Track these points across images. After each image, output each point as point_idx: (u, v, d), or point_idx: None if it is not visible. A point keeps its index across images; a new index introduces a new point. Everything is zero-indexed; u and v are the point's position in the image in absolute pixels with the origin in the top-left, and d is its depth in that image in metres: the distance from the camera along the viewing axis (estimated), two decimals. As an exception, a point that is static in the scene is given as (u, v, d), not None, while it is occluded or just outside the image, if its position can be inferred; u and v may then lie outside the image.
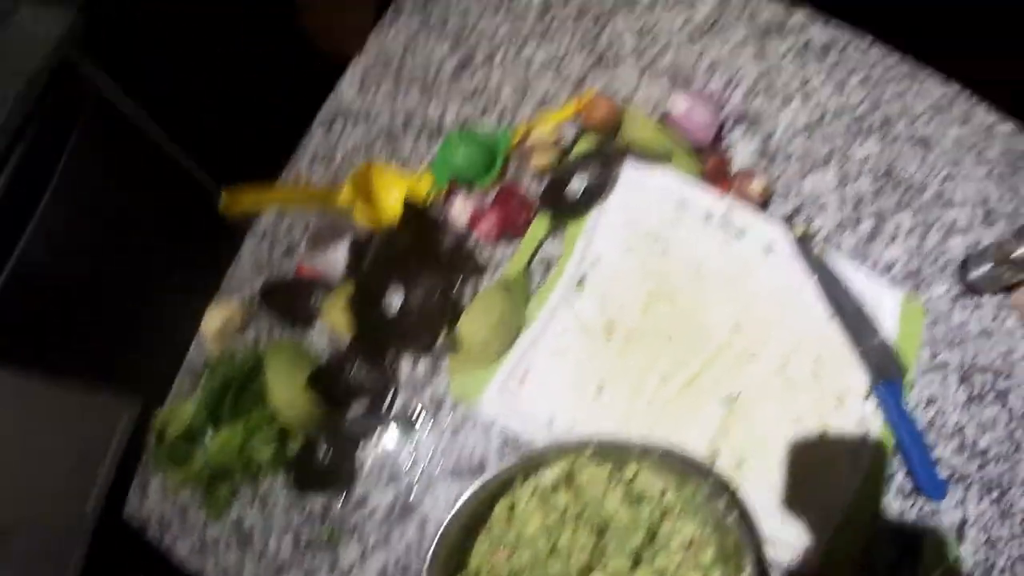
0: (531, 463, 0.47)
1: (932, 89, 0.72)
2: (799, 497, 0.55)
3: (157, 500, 0.59)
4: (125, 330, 1.27)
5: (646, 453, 0.47)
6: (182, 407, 0.58)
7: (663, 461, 0.47)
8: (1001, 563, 0.58)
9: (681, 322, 0.57)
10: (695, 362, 0.56)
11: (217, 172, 1.32)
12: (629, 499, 0.48)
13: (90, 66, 1.03)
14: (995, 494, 0.58)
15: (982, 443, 0.60)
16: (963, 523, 0.57)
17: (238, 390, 0.56)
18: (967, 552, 0.58)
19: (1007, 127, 0.72)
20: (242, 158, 1.21)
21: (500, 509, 0.47)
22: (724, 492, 0.46)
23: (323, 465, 0.55)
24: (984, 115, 0.71)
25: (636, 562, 0.47)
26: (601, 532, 0.47)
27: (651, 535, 0.48)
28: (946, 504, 0.57)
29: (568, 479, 0.47)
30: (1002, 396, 0.61)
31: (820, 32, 0.74)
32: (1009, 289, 0.65)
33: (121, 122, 1.13)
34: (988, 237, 0.67)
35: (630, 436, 0.49)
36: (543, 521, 0.46)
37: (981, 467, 0.59)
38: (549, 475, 0.47)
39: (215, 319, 0.60)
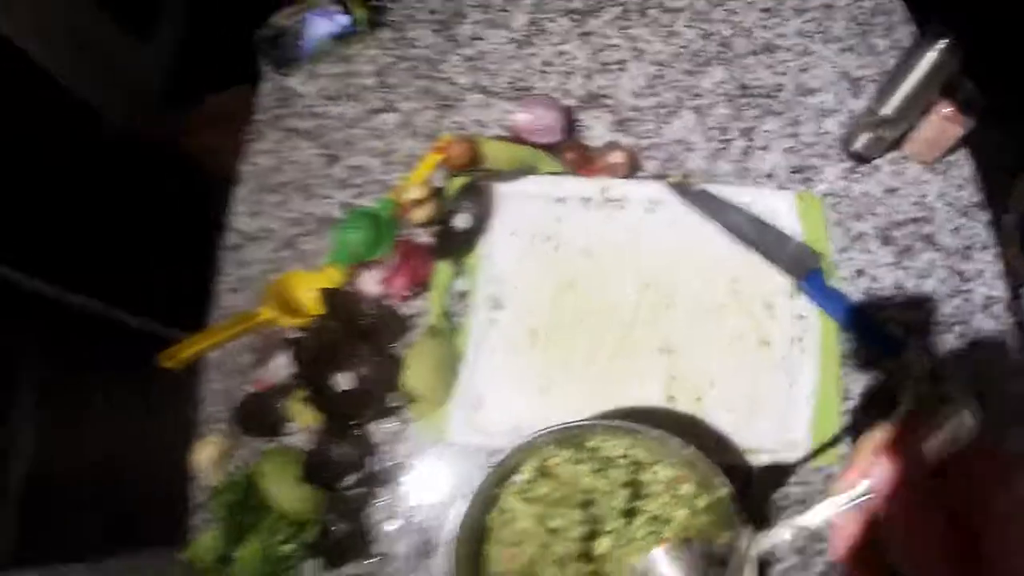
0: (503, 471, 0.57)
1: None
2: (764, 404, 0.63)
3: None
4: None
5: (593, 428, 0.55)
6: (204, 539, 0.67)
7: (612, 430, 0.55)
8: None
9: (589, 302, 0.66)
10: (616, 331, 0.65)
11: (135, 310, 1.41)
12: (599, 468, 0.57)
13: None
14: (957, 330, 0.65)
15: (926, 288, 0.68)
16: (933, 368, 0.63)
17: (243, 510, 0.65)
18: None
19: None
20: (154, 291, 1.32)
21: (494, 517, 0.55)
22: (674, 440, 0.53)
23: (341, 539, 0.65)
24: None
25: (630, 516, 0.58)
26: (586, 505, 0.55)
27: (633, 490, 0.59)
28: (911, 357, 0.63)
29: (542, 472, 0.56)
30: (929, 240, 0.70)
31: None
32: (897, 143, 0.72)
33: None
34: (861, 106, 0.74)
35: (584, 417, 0.59)
36: (532, 514, 0.55)
37: (932, 310, 0.67)
38: (524, 475, 0.55)
39: (204, 454, 0.69)
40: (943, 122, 0.66)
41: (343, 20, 0.81)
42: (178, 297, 0.94)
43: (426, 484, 0.64)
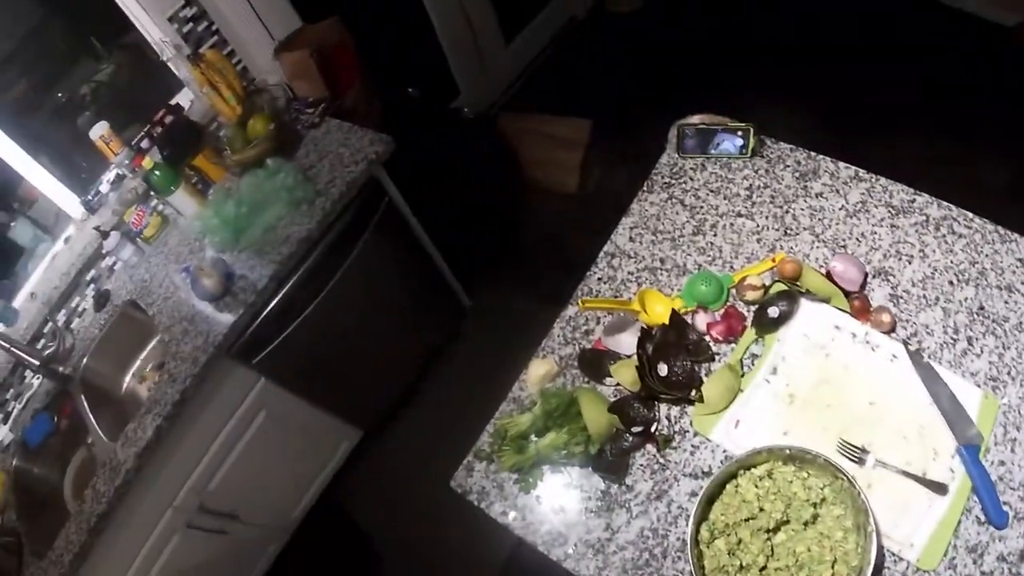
0: (749, 460, 0.98)
1: (1017, 249, 1.21)
2: (907, 510, 1.03)
3: (479, 477, 1.14)
4: (361, 376, 2.00)
5: (815, 458, 0.98)
6: (519, 418, 1.15)
7: (824, 464, 0.97)
8: None
9: (836, 397, 1.10)
10: (842, 420, 1.08)
11: (457, 271, 2.08)
12: (804, 487, 0.99)
13: (387, 180, 1.79)
14: None
15: None
16: None
17: (563, 411, 1.16)
18: None
19: None
20: (468, 251, 2.01)
21: (729, 488, 1.00)
22: (855, 487, 0.96)
23: (609, 462, 1.12)
24: None
25: (807, 524, 0.99)
26: (788, 504, 0.98)
27: (816, 512, 0.99)
28: (1012, 533, 0.98)
29: (769, 473, 1.00)
30: None
31: (936, 210, 1.27)
32: None
33: (401, 224, 1.86)
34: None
35: (812, 449, 1.00)
36: (755, 492, 0.98)
37: None
38: (758, 470, 0.99)
39: (540, 369, 1.21)
40: None
41: (739, 143, 1.35)
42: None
43: (678, 456, 1.09)
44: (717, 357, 1.16)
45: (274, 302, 1.61)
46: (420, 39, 2.33)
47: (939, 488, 1.04)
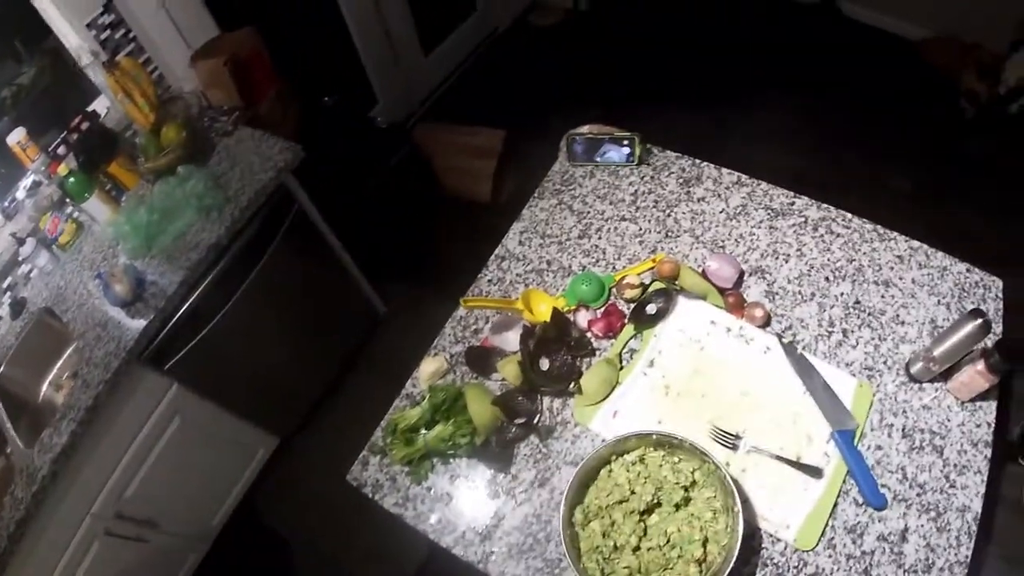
0: (619, 446, 1.04)
1: (895, 246, 1.29)
2: (782, 493, 1.09)
3: (374, 470, 1.17)
4: (276, 382, 2.01)
5: (682, 443, 1.03)
6: (409, 412, 1.19)
7: (692, 449, 1.02)
8: (940, 563, 1.00)
9: (711, 387, 1.17)
10: (716, 410, 1.14)
11: (372, 278, 2.11)
12: (674, 471, 1.05)
13: (298, 186, 1.81)
14: (932, 514, 1.03)
15: (920, 479, 1.06)
16: (905, 530, 1.02)
17: (450, 405, 1.19)
18: (909, 552, 1.03)
19: (960, 267, 1.27)
20: (382, 259, 2.05)
21: (603, 472, 1.05)
22: (720, 469, 1.01)
23: (495, 452, 1.16)
24: (940, 260, 1.27)
25: (678, 506, 1.04)
26: (659, 487, 1.03)
27: (687, 495, 1.05)
28: (890, 515, 1.03)
29: (641, 458, 1.05)
30: (938, 449, 1.09)
31: (815, 212, 1.35)
32: (946, 377, 1.15)
33: (312, 231, 1.89)
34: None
35: (681, 435, 1.05)
36: (626, 476, 1.03)
37: (920, 494, 1.04)
38: (631, 455, 1.05)
39: (431, 366, 1.25)
40: (975, 374, 1.10)
41: (625, 152, 1.43)
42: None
43: (559, 445, 1.14)
44: (598, 352, 1.22)
45: (184, 307, 1.62)
46: (338, 49, 2.36)
47: (814, 472, 1.11)
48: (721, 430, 1.14)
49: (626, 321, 1.24)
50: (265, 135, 1.77)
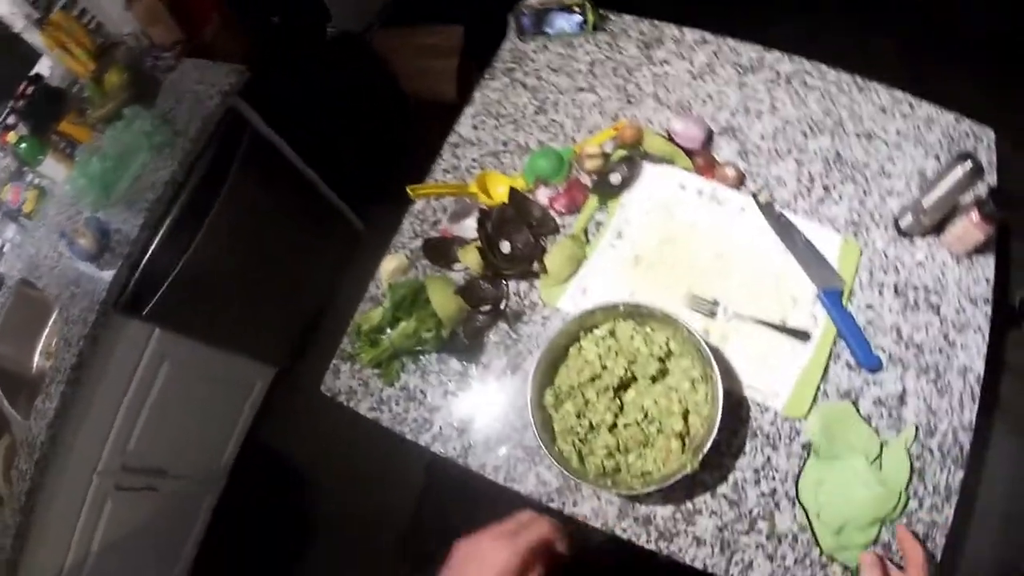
0: (586, 321, 0.97)
1: (876, 98, 1.20)
2: (768, 359, 1.03)
3: (346, 377, 1.12)
4: (261, 312, 1.97)
5: (652, 312, 0.96)
6: (371, 313, 1.13)
7: (663, 318, 0.96)
8: (942, 428, 0.96)
9: (683, 254, 1.09)
10: (691, 277, 1.07)
11: (337, 187, 2.05)
12: (647, 342, 0.98)
13: (248, 108, 1.73)
14: (931, 375, 0.98)
15: (917, 338, 1.01)
16: (903, 393, 0.97)
17: (412, 301, 1.12)
18: (908, 415, 1.00)
19: (948, 117, 1.18)
20: (355, 175, 1.96)
21: (572, 351, 0.99)
22: (695, 336, 0.94)
23: (463, 344, 1.11)
24: (926, 109, 1.18)
25: (655, 379, 0.98)
26: (632, 361, 0.97)
27: (663, 367, 0.99)
28: (886, 377, 0.98)
29: (611, 332, 0.99)
30: (934, 307, 1.03)
31: (787, 65, 1.25)
32: (939, 231, 1.08)
33: (273, 154, 1.82)
34: (922, 198, 1.13)
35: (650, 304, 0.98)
36: (597, 352, 0.97)
37: (917, 355, 0.99)
38: (600, 330, 0.99)
39: (391, 263, 1.18)
40: (969, 225, 1.02)
41: (577, 19, 1.30)
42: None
43: (529, 330, 1.08)
44: (562, 229, 1.14)
45: (151, 249, 1.57)
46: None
47: (801, 335, 1.04)
48: (698, 297, 1.07)
49: (589, 193, 1.14)
50: (209, 63, 1.68)
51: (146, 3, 1.76)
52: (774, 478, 0.99)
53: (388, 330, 1.10)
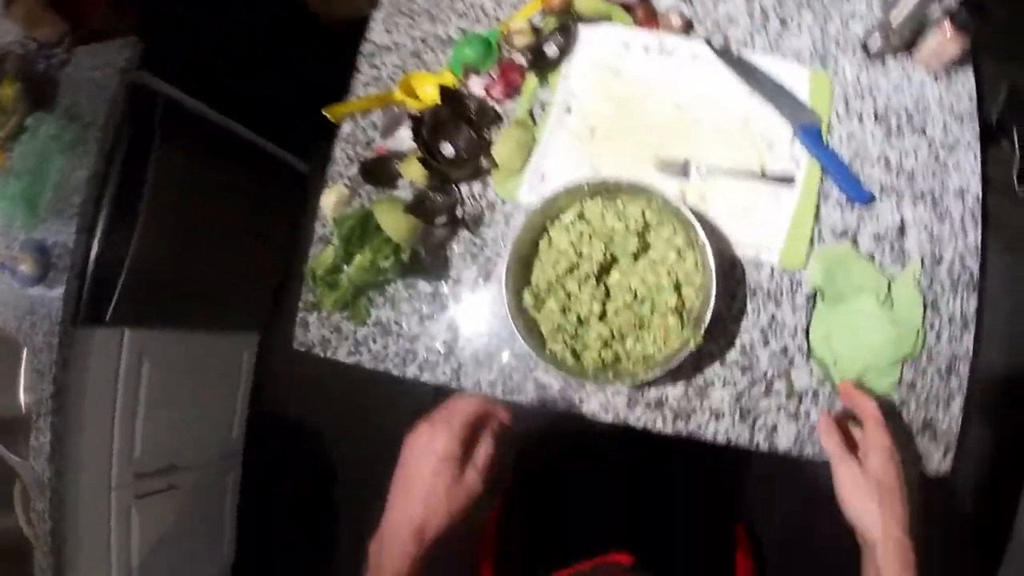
0: (551, 209, 0.89)
1: None
2: (754, 211, 0.96)
3: (316, 328, 1.03)
4: (226, 282, 1.90)
5: (617, 183, 0.87)
6: (324, 253, 1.04)
7: (632, 188, 0.87)
8: (948, 256, 0.93)
9: (639, 115, 1.00)
10: (653, 138, 0.98)
11: (270, 134, 1.95)
12: (620, 218, 0.89)
13: (153, 78, 1.60)
14: (928, 201, 0.93)
15: (907, 164, 0.96)
16: (902, 224, 0.93)
17: (361, 231, 1.02)
18: (911, 247, 0.97)
19: None
20: (283, 116, 1.84)
21: (542, 244, 0.90)
22: (670, 202, 0.85)
23: (427, 263, 1.02)
24: None
25: (637, 256, 0.90)
26: (609, 242, 0.89)
27: (643, 241, 0.90)
28: (881, 210, 0.93)
29: (580, 215, 0.90)
30: (919, 129, 0.97)
31: None
32: (910, 49, 1.00)
33: (188, 116, 1.69)
34: (887, 19, 1.04)
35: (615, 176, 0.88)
36: (569, 240, 0.88)
37: (910, 181, 0.94)
38: (567, 216, 0.90)
39: (331, 197, 1.07)
40: (942, 37, 0.94)
41: None
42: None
43: (493, 231, 1.00)
44: (506, 117, 1.04)
45: (93, 253, 1.46)
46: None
47: (784, 180, 0.96)
48: (665, 160, 0.98)
49: (526, 73, 1.03)
50: (100, 45, 1.53)
51: (22, 6, 1.61)
52: (783, 335, 0.94)
53: (345, 267, 1.01)
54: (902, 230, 0.94)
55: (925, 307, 0.91)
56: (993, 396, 1.69)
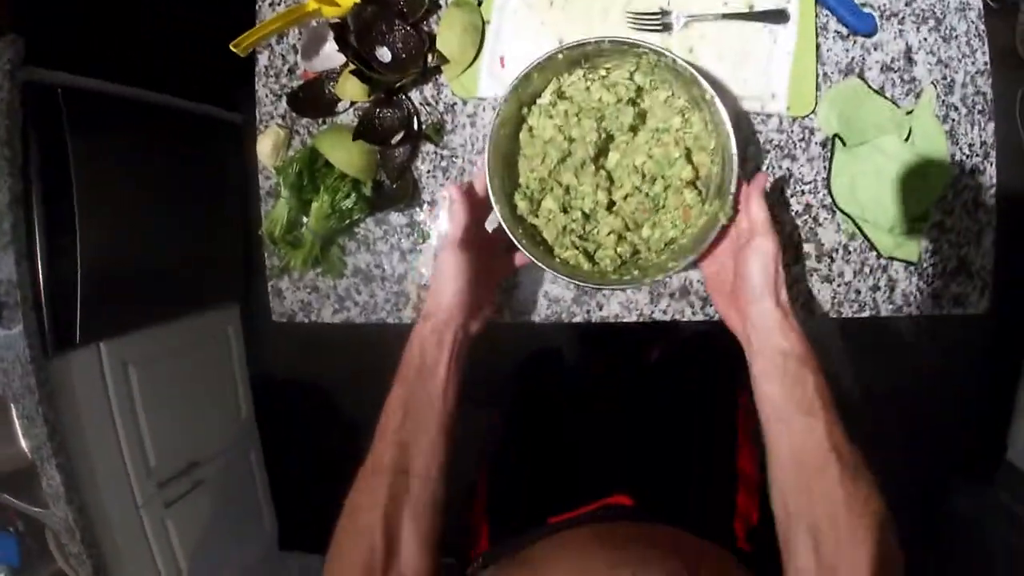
0: (524, 93, 0.75)
1: None
2: (749, 57, 0.82)
3: (291, 293, 0.92)
4: (189, 259, 1.77)
5: (599, 46, 0.73)
6: (276, 209, 0.88)
7: (612, 48, 0.73)
8: (960, 79, 0.82)
9: None
10: None
11: (190, 91, 1.78)
12: (607, 87, 0.76)
13: (44, 71, 1.40)
14: (931, 23, 0.82)
15: None
16: (908, 50, 0.82)
17: (309, 174, 0.87)
18: (921, 74, 0.83)
19: None
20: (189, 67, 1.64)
21: (523, 137, 0.76)
22: (663, 54, 0.72)
23: (393, 190, 0.87)
24: None
25: (635, 129, 0.77)
26: (600, 118, 0.75)
27: (639, 110, 0.76)
28: (884, 38, 0.82)
29: (560, 94, 0.76)
30: None
31: None
32: None
33: (96, 100, 1.50)
34: None
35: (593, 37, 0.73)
36: (553, 125, 0.74)
37: (909, 2, 0.82)
38: (545, 98, 0.76)
39: (266, 143, 0.91)
40: None
41: None
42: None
43: (461, 137, 0.86)
44: (442, 3, 0.86)
45: (40, 277, 1.31)
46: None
47: (777, 16, 0.83)
48: (640, 14, 0.83)
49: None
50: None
51: None
52: (803, 192, 0.84)
53: (304, 219, 0.87)
54: (909, 57, 0.82)
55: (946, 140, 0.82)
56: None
